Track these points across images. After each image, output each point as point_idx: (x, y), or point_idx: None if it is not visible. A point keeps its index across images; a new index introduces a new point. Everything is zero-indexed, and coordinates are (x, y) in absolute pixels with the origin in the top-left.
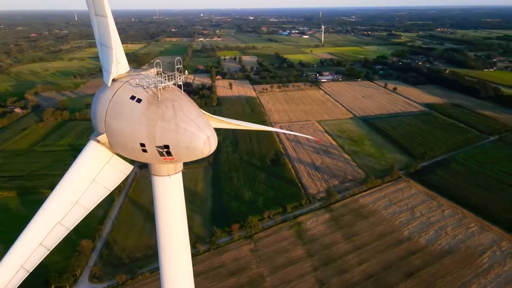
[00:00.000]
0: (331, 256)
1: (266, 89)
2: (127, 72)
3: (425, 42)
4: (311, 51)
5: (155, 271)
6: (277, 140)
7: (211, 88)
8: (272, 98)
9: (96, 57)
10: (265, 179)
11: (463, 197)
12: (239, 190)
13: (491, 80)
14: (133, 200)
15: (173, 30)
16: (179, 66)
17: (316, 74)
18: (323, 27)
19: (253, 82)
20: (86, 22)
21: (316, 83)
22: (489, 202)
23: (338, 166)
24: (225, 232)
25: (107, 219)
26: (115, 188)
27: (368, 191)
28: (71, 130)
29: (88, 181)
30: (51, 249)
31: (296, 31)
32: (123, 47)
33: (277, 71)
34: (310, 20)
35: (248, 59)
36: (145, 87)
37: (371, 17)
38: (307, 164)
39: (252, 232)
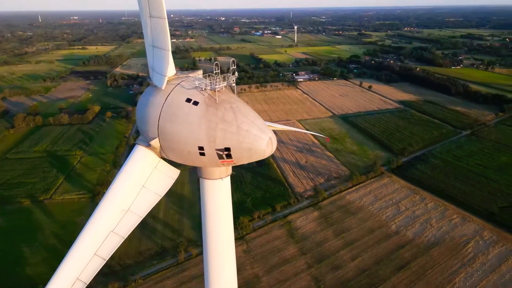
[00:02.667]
0: (324, 253)
1: (244, 90)
2: (175, 74)
3: (394, 41)
4: (286, 51)
5: (148, 277)
6: None
7: None
8: (251, 99)
9: (66, 60)
10: (251, 179)
11: (443, 190)
12: None
13: (459, 77)
14: None
15: None
16: (233, 67)
17: (292, 74)
18: (295, 27)
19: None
20: (51, 23)
21: (293, 82)
22: (468, 194)
23: (322, 164)
24: None
25: None
26: (98, 194)
27: (353, 188)
28: (46, 136)
29: (138, 187)
30: (106, 259)
31: (268, 32)
32: (93, 49)
33: (254, 72)
34: (281, 21)
35: (223, 60)
36: (203, 89)
37: (341, 17)
38: (292, 163)
39: (244, 233)
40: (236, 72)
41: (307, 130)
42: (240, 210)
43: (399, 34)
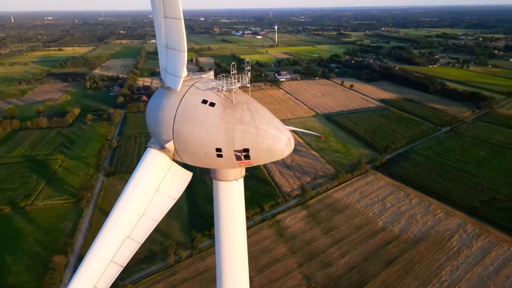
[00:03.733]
0: (313, 251)
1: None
2: (188, 75)
3: (373, 41)
4: (267, 51)
5: (137, 281)
6: None
7: None
8: None
9: (41, 61)
10: None
11: (426, 185)
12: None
13: (436, 75)
14: (103, 210)
15: (122, 32)
16: (248, 68)
17: (274, 74)
18: (276, 27)
19: None
20: (25, 24)
21: (276, 82)
22: (450, 189)
23: (308, 163)
24: (206, 236)
25: (77, 232)
26: (82, 199)
27: (340, 186)
28: (24, 140)
29: (152, 191)
30: (123, 266)
31: (249, 32)
32: (70, 50)
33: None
34: (261, 21)
35: (204, 60)
36: (220, 90)
37: (320, 17)
38: (278, 162)
39: None
40: (249, 73)
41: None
42: None
43: (377, 34)
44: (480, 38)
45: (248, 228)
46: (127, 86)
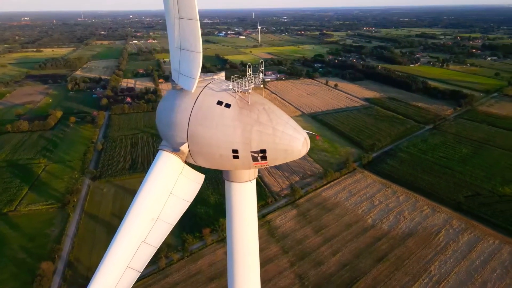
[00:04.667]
0: (305, 250)
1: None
2: (200, 77)
3: (355, 41)
4: (251, 52)
5: None
6: None
7: (156, 92)
8: None
9: (19, 63)
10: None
11: (412, 182)
12: (203, 194)
13: (418, 74)
14: (90, 214)
15: (102, 32)
16: (262, 68)
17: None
18: (259, 27)
19: None
20: (1, 25)
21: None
22: (436, 185)
23: (296, 163)
24: (197, 237)
25: (64, 237)
26: (68, 203)
27: (328, 185)
28: (5, 144)
29: (165, 194)
30: (140, 271)
31: (232, 32)
32: (49, 51)
33: (221, 72)
34: (243, 21)
35: None
36: (236, 91)
37: (302, 17)
38: None
39: (224, 235)
40: (261, 74)
41: None
42: (218, 212)
43: (359, 33)
44: (458, 38)
45: None
46: (111, 88)
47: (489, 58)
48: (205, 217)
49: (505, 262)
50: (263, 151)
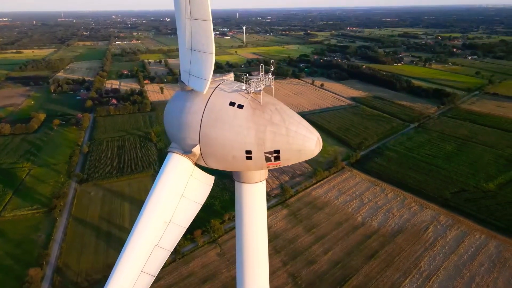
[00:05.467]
0: (297, 249)
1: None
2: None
3: (339, 41)
4: (236, 52)
5: None
6: None
7: (141, 93)
8: None
9: None
10: (217, 181)
11: (400, 180)
12: None
13: (401, 73)
14: (78, 218)
15: (84, 33)
16: (273, 68)
17: (245, 74)
18: (244, 27)
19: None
20: None
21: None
22: (422, 182)
23: None
24: (188, 239)
25: (52, 242)
26: (55, 208)
27: (318, 184)
28: None
29: (177, 197)
30: (155, 275)
31: (216, 32)
32: (29, 52)
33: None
34: (228, 21)
35: (174, 62)
36: (248, 91)
37: (286, 17)
38: None
39: (216, 236)
40: (270, 74)
41: None
42: (209, 213)
43: (342, 33)
44: (439, 37)
45: (230, 230)
46: (95, 89)
47: (469, 57)
48: (196, 218)
49: (492, 256)
50: (277, 151)
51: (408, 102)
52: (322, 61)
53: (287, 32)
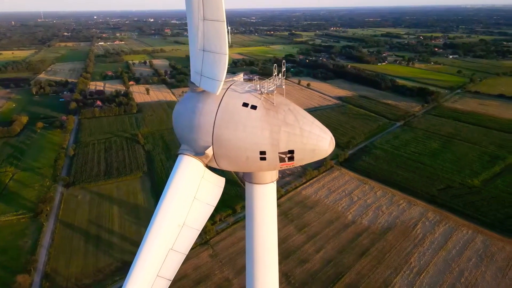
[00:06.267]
0: (289, 248)
1: (186, 92)
2: None
3: (324, 41)
4: None
5: None
6: None
7: (127, 95)
8: None
9: None
10: None
11: (388, 178)
12: None
13: (386, 72)
14: (66, 222)
15: (65, 34)
16: (284, 69)
17: (232, 75)
18: (229, 28)
19: (170, 86)
20: None
21: None
22: (410, 180)
23: None
24: None
25: (39, 248)
26: (41, 213)
27: (308, 183)
28: None
29: (190, 200)
30: (171, 280)
31: None
32: (8, 54)
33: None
34: None
35: (159, 62)
36: (262, 92)
37: (270, 18)
38: None
39: (208, 237)
40: (281, 74)
41: None
42: None
43: (327, 33)
44: (421, 37)
45: (221, 231)
46: (79, 91)
47: (450, 56)
48: None
49: (479, 250)
50: (291, 151)
51: (393, 101)
52: (307, 61)
53: (272, 32)
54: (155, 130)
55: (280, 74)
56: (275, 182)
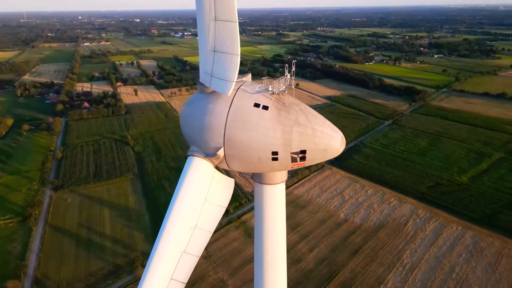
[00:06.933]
0: None
1: (175, 93)
2: None
3: (311, 40)
4: None
5: None
6: None
7: (115, 96)
8: (183, 102)
9: None
10: None
11: (378, 176)
12: (170, 199)
13: (373, 72)
14: (55, 226)
15: (50, 34)
16: (293, 69)
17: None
18: None
19: (158, 86)
20: None
21: None
22: (400, 177)
23: None
24: None
25: (29, 253)
26: (30, 217)
27: (299, 183)
28: None
29: (201, 201)
30: (185, 282)
31: (189, 33)
32: None
33: (182, 74)
34: None
35: (146, 63)
36: (274, 92)
37: (257, 18)
38: None
39: None
40: (288, 75)
41: None
42: None
43: (314, 33)
44: (407, 37)
45: (215, 231)
46: (65, 93)
47: (436, 56)
48: None
49: (469, 246)
50: (303, 151)
51: (381, 100)
52: (295, 60)
53: (260, 33)
54: (145, 131)
55: (288, 75)
56: (284, 182)
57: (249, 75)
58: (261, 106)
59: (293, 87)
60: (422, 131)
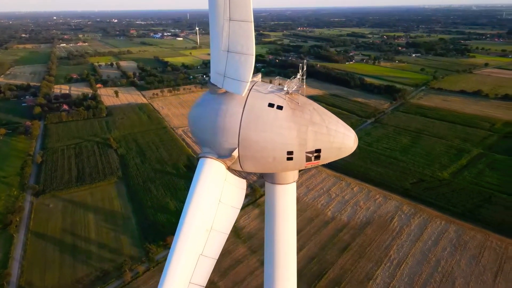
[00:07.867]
0: None
1: (157, 94)
2: None
3: (292, 40)
4: (191, 53)
5: None
6: (185, 145)
7: (95, 98)
8: (165, 103)
9: None
10: (185, 185)
11: (363, 174)
12: (161, 201)
13: (354, 71)
14: (38, 233)
15: (24, 35)
16: (305, 69)
17: (203, 76)
18: (197, 28)
19: (140, 88)
20: None
21: (205, 84)
22: (384, 175)
23: None
24: (161, 246)
25: (11, 261)
26: (11, 224)
27: None
28: None
29: (215, 203)
30: (204, 286)
31: (168, 34)
32: None
33: (163, 75)
34: (178, 22)
35: (126, 64)
36: (288, 92)
37: None
38: None
39: None
40: (299, 75)
41: None
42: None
43: (294, 33)
44: (385, 37)
45: None
46: (43, 95)
47: (413, 55)
48: (167, 224)
49: (453, 240)
50: (318, 150)
51: (363, 99)
52: (277, 60)
53: None
54: (127, 134)
55: (298, 75)
56: (295, 182)
57: (259, 75)
58: (275, 106)
59: (304, 86)
60: (403, 129)
